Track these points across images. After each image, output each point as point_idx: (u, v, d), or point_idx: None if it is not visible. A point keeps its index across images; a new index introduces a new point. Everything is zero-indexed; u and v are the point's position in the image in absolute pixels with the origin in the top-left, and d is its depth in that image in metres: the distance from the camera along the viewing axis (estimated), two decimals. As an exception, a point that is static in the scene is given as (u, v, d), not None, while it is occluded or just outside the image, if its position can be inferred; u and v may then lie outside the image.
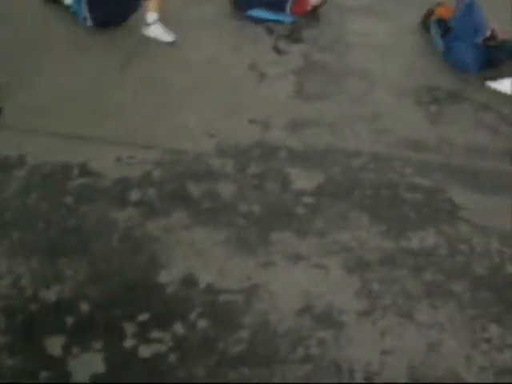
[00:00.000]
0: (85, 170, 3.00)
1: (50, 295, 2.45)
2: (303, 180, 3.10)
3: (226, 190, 2.98)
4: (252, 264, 2.64)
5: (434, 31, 4.54)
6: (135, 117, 3.41)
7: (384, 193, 3.11)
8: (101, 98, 3.53)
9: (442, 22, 4.48)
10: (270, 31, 4.47)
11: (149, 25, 4.08)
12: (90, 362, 2.24)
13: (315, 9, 4.72)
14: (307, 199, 2.99)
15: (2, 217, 2.77)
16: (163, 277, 2.55)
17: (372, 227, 2.90)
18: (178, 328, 2.36)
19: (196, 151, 3.20)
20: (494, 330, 2.57)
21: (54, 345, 2.28)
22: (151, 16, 4.08)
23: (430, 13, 4.69)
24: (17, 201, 2.84)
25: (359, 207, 3.00)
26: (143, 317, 2.39)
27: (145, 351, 2.28)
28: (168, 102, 3.55)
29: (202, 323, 2.38)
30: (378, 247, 2.80)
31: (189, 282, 2.54)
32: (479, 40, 4.24)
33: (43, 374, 2.19)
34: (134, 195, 2.91)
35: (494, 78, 4.15)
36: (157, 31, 4.08)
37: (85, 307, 2.41)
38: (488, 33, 4.28)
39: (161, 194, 2.93)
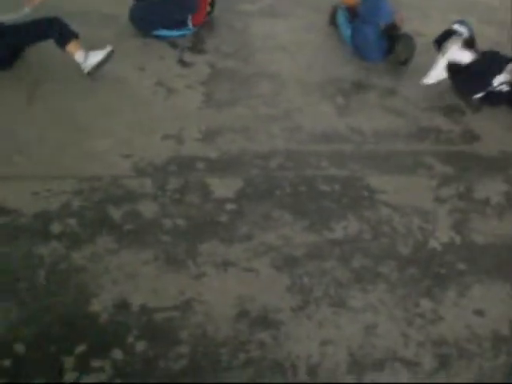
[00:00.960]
0: (2, 209, 2.92)
1: (-19, 341, 2.38)
2: (223, 188, 3.13)
3: (148, 209, 2.97)
4: (183, 278, 2.65)
5: (343, 18, 4.69)
6: (46, 149, 3.34)
7: (303, 189, 3.18)
8: (8, 135, 3.44)
9: (349, 9, 4.64)
10: (174, 45, 4.47)
11: (84, 63, 3.91)
12: (32, 404, 2.19)
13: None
14: (229, 206, 3.02)
15: None
16: (95, 305, 2.51)
17: (296, 224, 2.96)
18: (117, 354, 2.34)
19: (112, 174, 3.17)
20: (425, 304, 2.67)
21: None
22: (79, 55, 3.94)
23: (335, 8, 4.84)
24: None
25: (281, 206, 3.05)
26: (80, 348, 2.35)
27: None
28: (78, 130, 3.50)
29: (141, 345, 2.37)
30: (303, 242, 2.86)
31: (122, 306, 2.51)
32: (382, 25, 4.40)
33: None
34: (56, 228, 2.85)
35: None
36: (94, 59, 3.92)
37: (20, 348, 2.35)
38: (390, 20, 4.46)
39: (82, 222, 2.88)
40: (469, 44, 4.10)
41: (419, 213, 3.13)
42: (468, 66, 4.06)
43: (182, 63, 4.27)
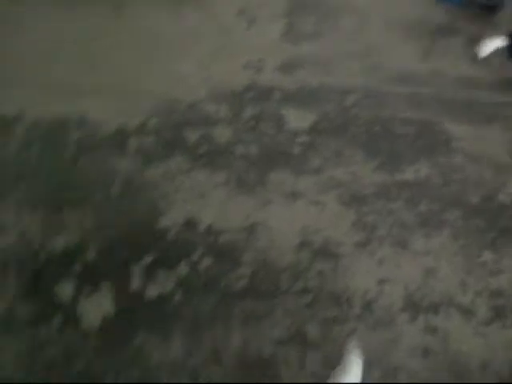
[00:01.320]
0: (83, 122, 3.05)
1: (57, 244, 2.54)
2: (298, 120, 3.14)
3: (223, 134, 3.03)
4: (251, 204, 2.72)
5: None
6: (129, 67, 3.43)
7: (377, 128, 3.15)
8: (94, 48, 3.53)
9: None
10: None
11: None
12: (99, 305, 2.35)
13: None
14: (302, 138, 3.05)
15: (5, 173, 2.84)
16: (164, 221, 2.63)
17: (367, 162, 2.96)
18: (182, 269, 2.46)
19: (191, 98, 3.23)
20: (487, 255, 2.65)
21: (64, 291, 2.39)
22: None
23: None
24: (19, 156, 2.91)
25: (353, 143, 3.05)
26: (148, 259, 2.49)
27: (151, 292, 2.39)
28: (161, 51, 3.56)
29: (205, 263, 2.48)
30: (372, 181, 2.87)
31: (190, 224, 2.62)
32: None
33: (56, 319, 2.30)
34: (133, 144, 2.97)
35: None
36: None
37: (91, 253, 2.50)
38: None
39: (158, 141, 2.98)
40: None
41: (493, 164, 3.06)
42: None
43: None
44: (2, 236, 2.57)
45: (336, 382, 1.97)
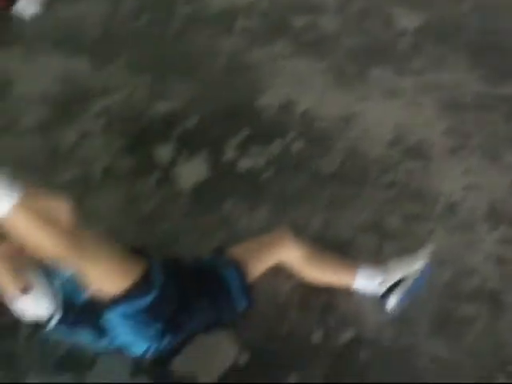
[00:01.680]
0: None
1: (161, 108, 2.68)
2: (406, 18, 3.10)
3: (329, 23, 3.04)
4: (349, 95, 2.76)
5: None
6: None
7: (489, 38, 3.07)
8: None
9: None
10: None
11: None
12: (194, 169, 2.49)
13: None
14: (408, 38, 3.01)
15: (115, 37, 2.97)
16: (263, 100, 2.71)
17: (470, 71, 2.91)
18: (275, 147, 2.56)
19: (300, -16, 3.23)
20: None
21: (163, 152, 2.54)
22: None
23: None
24: (129, 23, 3.02)
25: (460, 51, 2.99)
26: (243, 134, 2.59)
27: (243, 164, 2.51)
28: None
29: (297, 145, 2.57)
30: (473, 90, 2.83)
31: (287, 107, 2.70)
32: None
33: (152, 177, 2.47)
34: (240, 24, 3.01)
35: None
36: None
37: (192, 121, 2.63)
38: None
39: (265, 23, 3.02)
40: None
41: None
42: None
43: None
44: (111, 95, 2.73)
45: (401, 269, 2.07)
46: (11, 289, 1.71)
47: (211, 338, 2.06)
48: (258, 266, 2.00)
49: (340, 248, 2.18)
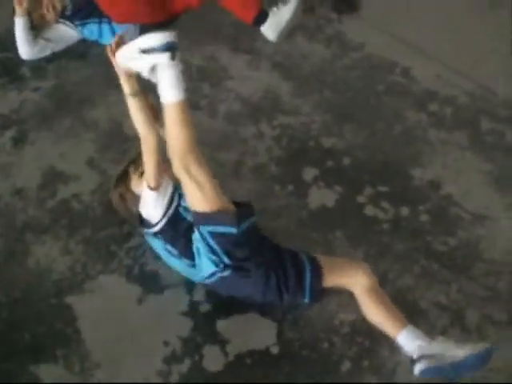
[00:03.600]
0: (405, 72, 3.42)
1: (325, 143, 3.03)
2: None
3: None
4: (505, 197, 2.79)
5: None
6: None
7: None
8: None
9: None
10: None
11: None
12: (324, 197, 2.79)
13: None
14: None
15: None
16: (416, 171, 2.89)
17: None
18: (404, 210, 2.74)
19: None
20: None
21: (308, 173, 2.87)
22: None
23: None
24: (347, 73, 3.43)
25: None
26: (383, 189, 2.82)
27: (369, 211, 2.73)
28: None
29: (424, 217, 2.72)
30: None
31: (434, 184, 2.85)
32: None
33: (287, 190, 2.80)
34: (432, 108, 3.24)
35: None
36: None
37: (346, 160, 2.93)
38: None
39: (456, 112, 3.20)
40: None
41: None
42: None
43: None
44: (290, 116, 3.15)
45: None
46: (148, 178, 2.22)
47: (256, 317, 2.33)
48: (330, 278, 2.23)
49: (410, 313, 2.28)
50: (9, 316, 2.34)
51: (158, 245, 2.36)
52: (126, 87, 2.11)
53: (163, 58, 1.96)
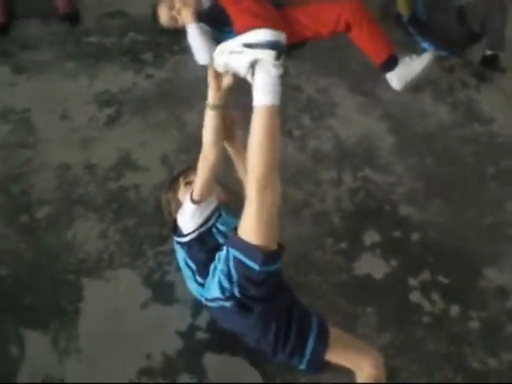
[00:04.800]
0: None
1: (401, 210, 2.80)
2: None
3: None
4: None
5: None
6: None
7: None
8: None
9: None
10: None
11: None
12: (377, 265, 2.57)
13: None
14: None
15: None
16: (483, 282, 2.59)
17: None
18: (454, 310, 2.45)
19: None
20: None
21: (371, 236, 2.67)
22: None
23: None
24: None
25: None
26: (444, 281, 2.54)
27: (414, 297, 2.48)
28: None
29: (474, 324, 2.42)
30: None
31: (500, 293, 2.53)
32: None
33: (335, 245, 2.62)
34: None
35: None
36: None
37: (414, 236, 2.69)
38: None
39: None
40: None
41: None
42: None
43: None
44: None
45: None
46: (194, 190, 2.16)
47: (246, 364, 2.22)
48: (335, 355, 2.06)
49: None
50: (24, 276, 2.44)
51: (180, 255, 2.33)
52: (211, 97, 2.03)
53: (267, 55, 1.84)
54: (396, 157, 3.04)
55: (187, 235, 2.25)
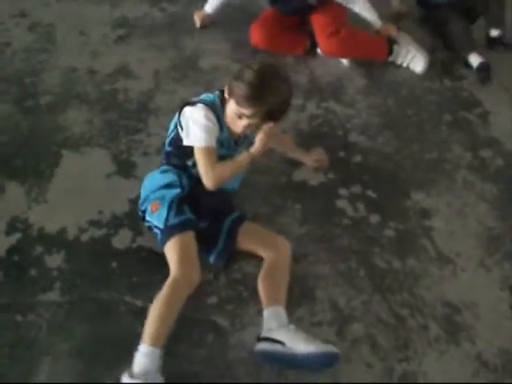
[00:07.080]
0: (484, 116, 3.33)
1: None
2: None
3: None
4: None
5: None
6: None
7: None
8: None
9: None
10: None
11: None
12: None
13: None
14: None
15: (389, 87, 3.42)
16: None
17: None
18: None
19: None
20: None
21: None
22: None
23: None
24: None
25: None
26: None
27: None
28: None
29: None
30: None
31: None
32: None
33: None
34: (484, 154, 3.10)
35: None
36: None
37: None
38: None
39: None
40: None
41: None
42: None
43: None
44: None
45: None
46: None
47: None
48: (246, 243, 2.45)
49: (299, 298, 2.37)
50: (18, 144, 2.93)
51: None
52: (257, 159, 2.34)
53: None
54: (361, 95, 3.37)
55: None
